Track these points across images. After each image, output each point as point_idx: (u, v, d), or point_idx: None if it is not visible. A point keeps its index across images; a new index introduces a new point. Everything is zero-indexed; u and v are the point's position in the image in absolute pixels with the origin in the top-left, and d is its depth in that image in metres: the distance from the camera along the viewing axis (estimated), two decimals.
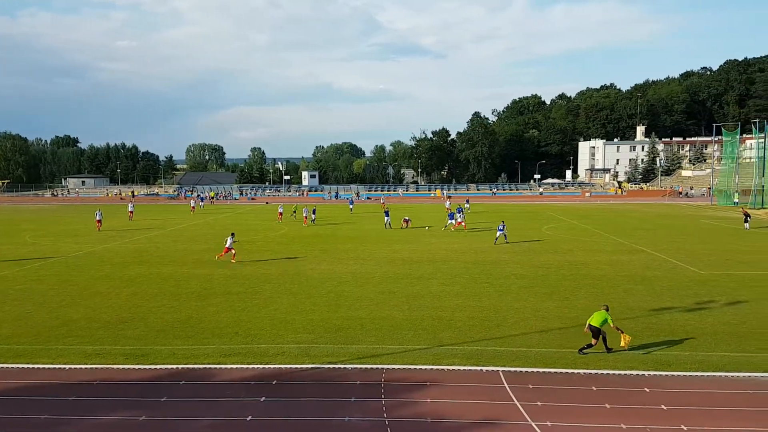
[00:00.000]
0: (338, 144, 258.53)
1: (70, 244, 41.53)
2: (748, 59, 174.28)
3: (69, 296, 24.55)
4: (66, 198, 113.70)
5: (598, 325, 16.73)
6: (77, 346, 17.85)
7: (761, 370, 15.39)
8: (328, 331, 19.07)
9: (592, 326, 16.84)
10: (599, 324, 16.74)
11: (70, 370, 15.85)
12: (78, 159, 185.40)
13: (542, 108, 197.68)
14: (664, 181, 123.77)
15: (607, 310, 17.22)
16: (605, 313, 17.01)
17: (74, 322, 20.53)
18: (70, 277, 28.73)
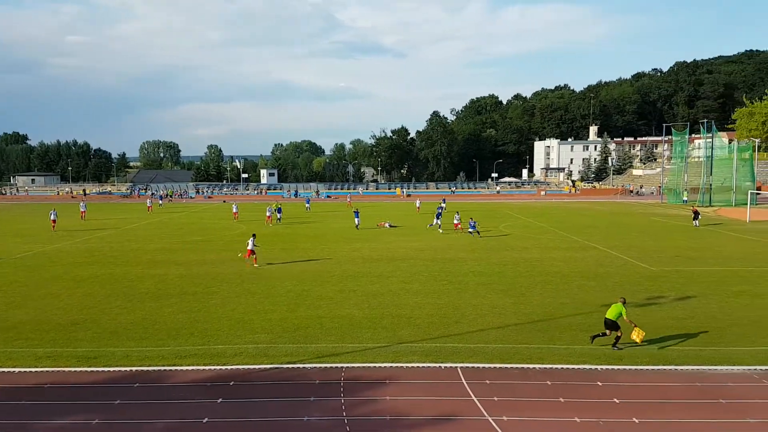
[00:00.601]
0: (298, 142, 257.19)
1: (19, 244, 40.12)
2: (696, 61, 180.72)
3: (18, 298, 23.73)
4: (15, 197, 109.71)
5: (614, 318, 17.06)
6: (27, 348, 17.27)
7: (709, 363, 15.97)
8: (287, 331, 18.94)
9: (608, 319, 17.18)
10: (614, 317, 17.06)
11: (19, 374, 15.34)
12: (27, 156, 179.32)
13: (499, 108, 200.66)
14: (616, 180, 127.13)
15: (624, 303, 17.51)
16: (621, 306, 17.30)
17: (23, 324, 19.86)
18: (19, 278, 27.77)
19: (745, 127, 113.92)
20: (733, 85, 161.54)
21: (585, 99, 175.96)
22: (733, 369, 15.53)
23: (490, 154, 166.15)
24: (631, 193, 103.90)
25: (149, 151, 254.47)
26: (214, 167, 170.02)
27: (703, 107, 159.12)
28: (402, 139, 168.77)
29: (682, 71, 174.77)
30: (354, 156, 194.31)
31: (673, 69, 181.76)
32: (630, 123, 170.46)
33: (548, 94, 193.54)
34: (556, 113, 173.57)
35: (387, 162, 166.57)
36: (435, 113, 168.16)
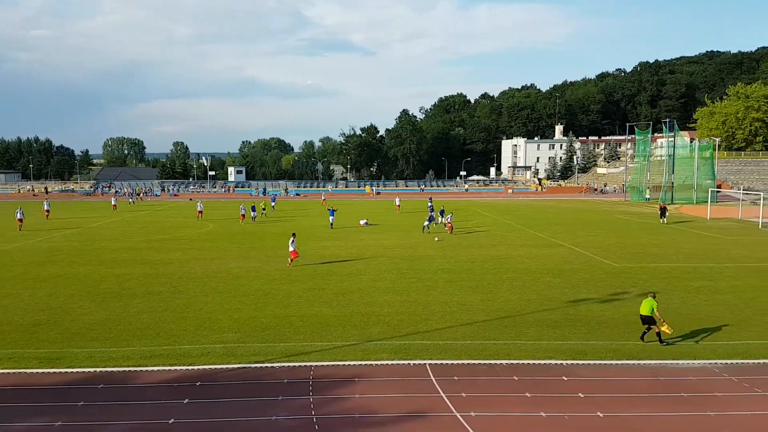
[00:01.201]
0: (266, 139, 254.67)
1: None
2: (659, 61, 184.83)
3: None
4: None
5: (649, 314, 17.47)
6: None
7: (670, 357, 16.37)
8: (255, 330, 18.80)
9: (643, 315, 17.59)
10: (649, 312, 17.48)
11: None
12: None
13: (467, 106, 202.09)
14: (581, 178, 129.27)
15: (654, 297, 17.90)
16: (652, 300, 17.72)
17: None
18: None
19: (706, 126, 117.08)
20: (694, 85, 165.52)
21: (551, 98, 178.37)
22: (694, 363, 15.96)
23: (459, 152, 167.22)
24: (596, 191, 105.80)
25: (113, 148, 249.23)
26: (180, 165, 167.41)
27: (666, 107, 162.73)
28: (371, 137, 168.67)
29: (645, 71, 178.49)
30: (323, 154, 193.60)
31: (636, 69, 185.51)
32: (594, 122, 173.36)
33: (515, 94, 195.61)
34: (522, 112, 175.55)
35: (356, 160, 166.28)
36: (404, 111, 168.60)
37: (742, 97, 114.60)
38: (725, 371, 15.36)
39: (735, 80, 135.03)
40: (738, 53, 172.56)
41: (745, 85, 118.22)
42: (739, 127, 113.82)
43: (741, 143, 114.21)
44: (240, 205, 55.87)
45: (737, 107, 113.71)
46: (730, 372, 15.27)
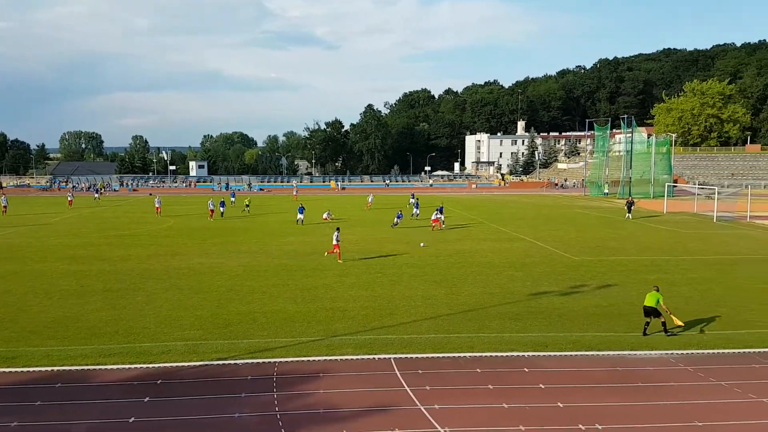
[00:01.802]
0: (228, 133, 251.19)
1: None
2: (618, 58, 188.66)
3: None
4: None
5: (654, 305, 17.81)
6: None
7: (628, 348, 16.80)
8: (217, 327, 18.57)
9: (647, 307, 17.92)
10: (654, 304, 17.82)
11: None
12: None
13: (432, 102, 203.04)
14: (543, 174, 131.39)
15: (658, 290, 18.27)
16: (657, 293, 18.07)
17: None
18: None
19: (663, 122, 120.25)
20: (651, 82, 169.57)
21: (513, 95, 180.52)
22: (651, 354, 16.40)
23: (423, 147, 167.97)
24: (556, 186, 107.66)
25: (70, 142, 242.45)
26: (139, 159, 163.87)
27: (624, 103, 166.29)
28: (336, 132, 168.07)
29: (604, 68, 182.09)
30: (287, 148, 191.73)
31: (596, 66, 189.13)
32: (555, 118, 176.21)
33: (478, 89, 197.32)
34: (485, 108, 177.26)
35: (321, 155, 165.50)
36: (369, 106, 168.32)
37: (697, 94, 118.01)
38: (681, 361, 15.83)
39: (691, 77, 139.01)
40: (694, 51, 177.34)
41: (701, 82, 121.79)
42: (694, 123, 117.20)
43: (696, 139, 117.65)
44: (209, 201, 54.23)
45: (693, 104, 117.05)
46: (686, 362, 15.75)
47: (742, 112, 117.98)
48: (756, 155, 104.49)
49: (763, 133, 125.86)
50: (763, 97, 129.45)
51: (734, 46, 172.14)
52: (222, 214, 52.66)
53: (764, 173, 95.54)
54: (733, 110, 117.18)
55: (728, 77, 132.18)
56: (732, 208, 52.62)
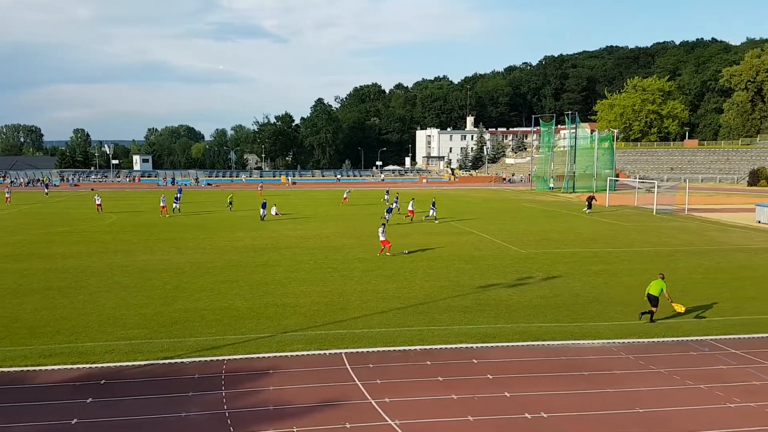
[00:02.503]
0: (174, 126, 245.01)
1: None
2: (563, 56, 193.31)
3: None
4: None
5: (657, 294, 18.26)
6: None
7: (572, 337, 17.28)
8: (163, 326, 18.14)
9: (651, 295, 18.34)
10: (657, 293, 18.26)
11: None
12: None
13: (382, 97, 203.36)
14: (491, 168, 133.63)
15: (663, 278, 18.69)
16: (662, 281, 18.49)
17: None
18: None
19: (606, 118, 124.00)
20: (595, 79, 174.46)
21: (462, 90, 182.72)
22: (594, 343, 16.92)
23: (375, 142, 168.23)
24: (504, 180, 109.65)
25: (8, 136, 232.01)
26: (80, 153, 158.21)
27: (568, 99, 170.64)
28: (286, 126, 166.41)
29: (549, 65, 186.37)
30: (236, 142, 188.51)
31: (541, 63, 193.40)
32: (503, 114, 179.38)
33: (428, 85, 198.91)
34: (435, 103, 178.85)
35: (271, 149, 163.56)
36: (319, 100, 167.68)
37: (638, 90, 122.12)
38: (623, 350, 16.38)
39: (632, 74, 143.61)
40: (635, 48, 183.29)
41: (642, 79, 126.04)
42: (635, 118, 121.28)
43: (637, 134, 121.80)
44: (161, 196, 51.96)
45: (634, 100, 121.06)
46: (627, 350, 16.31)
47: (680, 108, 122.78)
48: (694, 150, 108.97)
49: (700, 129, 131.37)
50: (700, 94, 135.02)
51: (673, 44, 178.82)
52: (174, 210, 51.28)
53: (702, 167, 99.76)
54: (673, 106, 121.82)
55: (668, 74, 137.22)
56: (671, 201, 54.72)
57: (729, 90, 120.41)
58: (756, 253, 30.96)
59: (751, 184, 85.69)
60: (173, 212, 50.75)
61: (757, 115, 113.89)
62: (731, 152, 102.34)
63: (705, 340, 17.16)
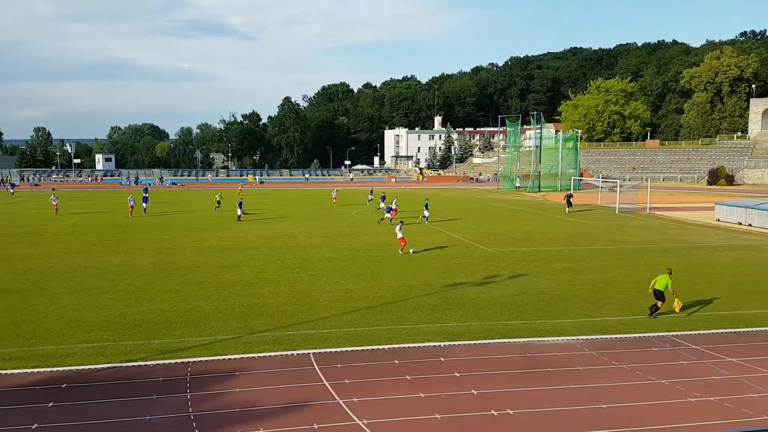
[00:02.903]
0: (138, 125, 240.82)
1: None
2: (528, 56, 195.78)
3: None
4: None
5: (662, 289, 18.57)
6: None
7: (538, 335, 17.54)
8: (126, 328, 17.79)
9: (657, 290, 18.63)
10: (663, 288, 18.56)
11: None
12: None
13: (351, 96, 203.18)
14: (459, 168, 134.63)
15: (670, 273, 19.00)
16: (668, 277, 18.78)
17: None
18: None
19: (570, 118, 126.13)
20: (559, 80, 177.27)
21: (430, 90, 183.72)
22: (558, 340, 17.20)
23: (343, 141, 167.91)
24: (471, 180, 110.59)
25: None
26: (41, 152, 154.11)
27: (534, 100, 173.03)
28: (254, 125, 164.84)
29: (515, 66, 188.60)
30: (202, 141, 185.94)
31: (507, 64, 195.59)
32: (470, 114, 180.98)
33: (396, 84, 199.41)
34: (404, 103, 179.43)
35: (238, 148, 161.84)
36: (287, 99, 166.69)
37: (602, 92, 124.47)
38: (586, 346, 16.68)
39: (596, 75, 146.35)
40: (598, 50, 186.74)
41: (605, 80, 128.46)
42: (599, 119, 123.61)
43: (600, 134, 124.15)
44: (129, 197, 49.94)
45: (597, 101, 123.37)
46: (591, 347, 16.62)
47: (642, 109, 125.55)
48: (655, 150, 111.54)
49: (662, 129, 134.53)
50: (661, 95, 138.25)
51: (636, 46, 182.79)
52: (145, 210, 50.02)
53: (663, 167, 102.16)
54: (635, 107, 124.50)
55: (630, 75, 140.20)
56: (633, 200, 55.91)
57: (689, 91, 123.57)
58: (715, 251, 31.86)
59: (711, 183, 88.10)
60: (143, 212, 49.47)
61: (717, 116, 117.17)
62: (691, 152, 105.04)
63: (666, 336, 17.59)
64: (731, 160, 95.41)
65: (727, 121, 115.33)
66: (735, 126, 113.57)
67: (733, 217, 43.34)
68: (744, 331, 18.00)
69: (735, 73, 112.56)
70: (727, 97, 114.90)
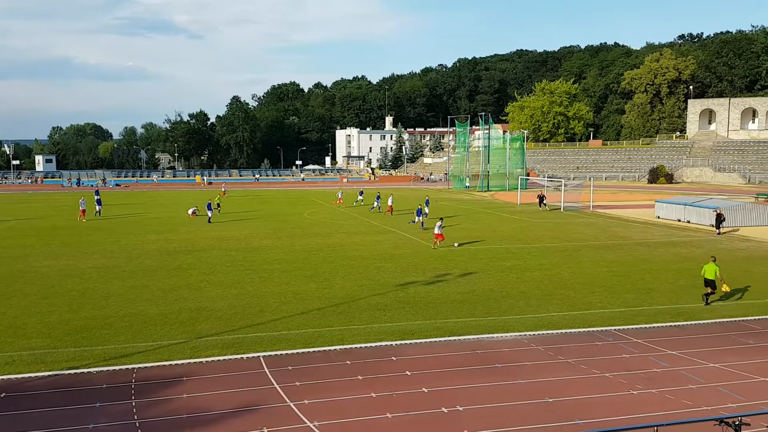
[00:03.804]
0: (80, 125, 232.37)
1: None
2: (476, 58, 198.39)
3: None
4: None
5: (712, 277, 20.06)
6: None
7: (487, 331, 17.82)
8: (68, 334, 17.19)
9: (707, 279, 20.17)
10: (713, 276, 20.07)
11: None
12: None
13: (301, 95, 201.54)
14: (410, 168, 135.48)
15: (715, 261, 20.22)
16: (714, 264, 20.35)
17: None
18: None
19: (517, 119, 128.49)
20: (506, 81, 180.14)
21: (381, 90, 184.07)
22: (507, 336, 17.52)
23: (294, 141, 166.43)
24: (422, 179, 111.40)
25: None
26: None
27: (482, 101, 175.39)
28: (201, 124, 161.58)
29: (464, 67, 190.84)
30: (147, 141, 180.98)
31: (456, 65, 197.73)
32: (421, 114, 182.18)
33: (347, 84, 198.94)
34: (355, 103, 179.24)
35: (185, 148, 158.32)
36: (236, 98, 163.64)
37: (546, 93, 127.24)
38: (533, 342, 17.06)
39: (541, 77, 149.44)
40: (543, 52, 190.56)
41: (549, 82, 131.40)
42: (544, 120, 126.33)
43: (546, 135, 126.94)
44: (80, 199, 47.09)
45: (543, 102, 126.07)
46: (538, 342, 17.00)
47: (585, 110, 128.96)
48: (598, 150, 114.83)
49: (604, 129, 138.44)
50: (604, 96, 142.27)
51: (579, 48, 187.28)
52: (98, 213, 47.72)
53: (605, 166, 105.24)
54: (578, 108, 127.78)
55: (573, 77, 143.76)
56: (577, 198, 57.40)
57: (630, 92, 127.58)
58: (655, 247, 33.06)
59: (651, 181, 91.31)
60: (95, 215, 47.38)
61: (656, 116, 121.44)
62: (632, 151, 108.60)
63: (609, 330, 18.15)
64: (670, 159, 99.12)
65: (666, 122, 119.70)
66: (674, 126, 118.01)
67: (673, 214, 45.03)
68: (683, 325, 18.73)
69: (673, 75, 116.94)
70: (666, 98, 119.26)
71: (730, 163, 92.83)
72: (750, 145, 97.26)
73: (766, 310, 20.12)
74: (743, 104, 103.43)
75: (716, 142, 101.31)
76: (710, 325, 18.72)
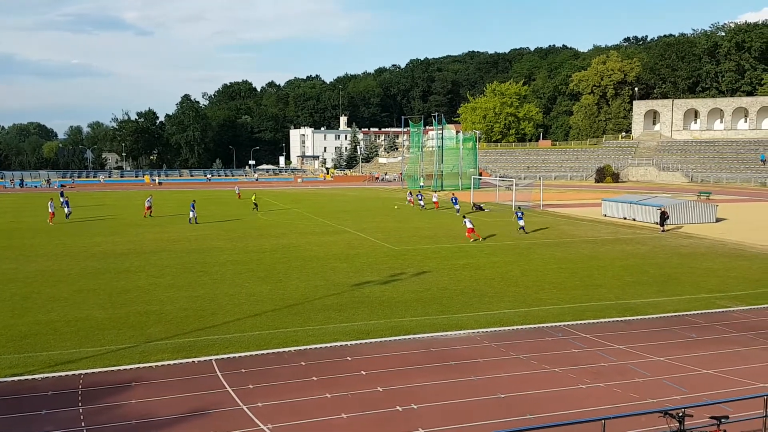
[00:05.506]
0: (23, 124, 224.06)
1: None
2: (429, 59, 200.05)
3: None
4: None
5: None
6: None
7: (441, 329, 18.00)
8: (11, 340, 16.54)
9: None
10: None
11: None
12: None
13: (254, 94, 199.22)
14: (365, 168, 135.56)
15: None
16: None
17: None
18: None
19: (470, 120, 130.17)
20: (459, 82, 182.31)
21: (335, 90, 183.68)
22: (460, 333, 17.75)
23: (247, 140, 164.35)
24: (377, 179, 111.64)
25: None
26: None
27: (435, 102, 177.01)
28: (150, 123, 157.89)
29: (417, 68, 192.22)
30: (93, 140, 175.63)
31: (409, 66, 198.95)
32: (375, 114, 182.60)
33: (301, 84, 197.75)
34: (308, 102, 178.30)
35: (133, 147, 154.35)
36: (186, 97, 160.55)
37: (497, 94, 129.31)
38: (486, 338, 17.33)
39: (492, 78, 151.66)
40: (494, 54, 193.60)
41: (500, 83, 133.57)
42: (496, 120, 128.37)
43: (498, 135, 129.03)
44: (48, 201, 44.86)
45: (494, 103, 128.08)
46: (490, 339, 17.28)
47: (535, 111, 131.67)
48: (547, 150, 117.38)
49: (553, 130, 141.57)
50: (553, 98, 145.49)
51: (529, 51, 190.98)
52: (67, 216, 45.28)
53: (554, 166, 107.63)
54: (528, 109, 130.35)
55: (524, 79, 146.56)
56: (528, 197, 58.52)
57: (578, 94, 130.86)
58: (602, 244, 34.02)
59: (598, 180, 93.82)
60: (65, 218, 44.90)
61: (603, 117, 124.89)
62: (580, 152, 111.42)
63: (559, 326, 18.60)
64: (617, 158, 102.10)
65: (613, 122, 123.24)
66: (620, 126, 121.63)
67: (619, 212, 46.41)
68: (629, 320, 19.35)
69: (619, 77, 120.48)
70: (612, 100, 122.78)
71: (673, 163, 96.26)
72: (692, 144, 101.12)
73: (708, 305, 20.99)
74: (686, 105, 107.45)
75: (660, 142, 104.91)
76: (655, 319, 19.40)
